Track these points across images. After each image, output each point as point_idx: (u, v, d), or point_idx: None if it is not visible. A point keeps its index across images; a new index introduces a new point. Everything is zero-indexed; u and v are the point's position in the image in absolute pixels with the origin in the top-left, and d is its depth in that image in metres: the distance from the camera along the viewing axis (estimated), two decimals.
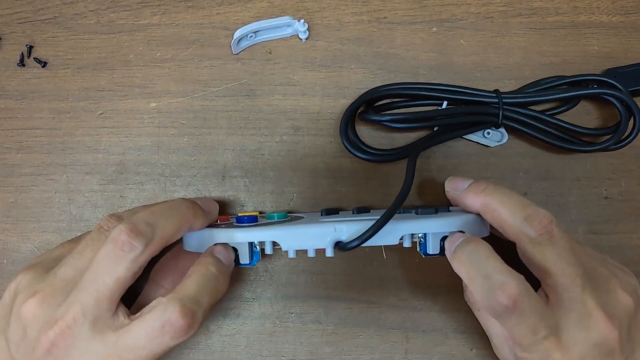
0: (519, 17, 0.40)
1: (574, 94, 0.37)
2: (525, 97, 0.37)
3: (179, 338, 0.29)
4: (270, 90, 0.39)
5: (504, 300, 0.27)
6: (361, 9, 0.40)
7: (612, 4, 0.40)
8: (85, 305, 0.28)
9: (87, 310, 0.28)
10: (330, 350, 0.38)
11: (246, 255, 0.32)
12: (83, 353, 0.29)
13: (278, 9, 0.40)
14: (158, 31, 0.39)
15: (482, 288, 0.28)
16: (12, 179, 0.38)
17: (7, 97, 0.39)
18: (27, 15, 0.39)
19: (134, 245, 0.29)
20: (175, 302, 0.28)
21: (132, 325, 0.29)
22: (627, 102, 0.36)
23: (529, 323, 0.28)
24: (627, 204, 0.38)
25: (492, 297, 0.27)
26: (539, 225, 0.29)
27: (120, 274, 0.29)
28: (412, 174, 0.33)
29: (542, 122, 0.37)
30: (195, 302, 0.29)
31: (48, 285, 0.30)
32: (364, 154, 0.38)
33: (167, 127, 0.39)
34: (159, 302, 0.29)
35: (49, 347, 0.29)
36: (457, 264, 0.30)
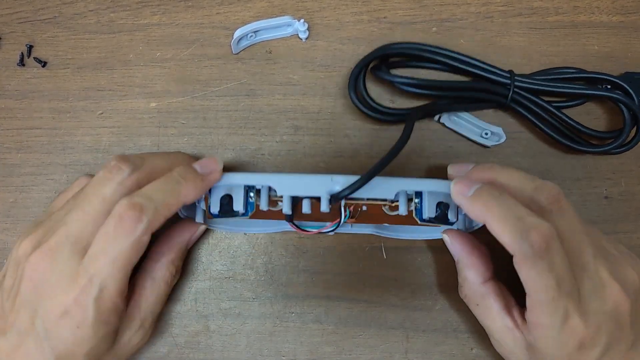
0: (519, 17, 0.40)
1: (586, 92, 0.36)
2: (538, 85, 0.37)
3: (131, 234, 0.28)
4: (270, 90, 0.39)
5: (537, 240, 0.27)
6: (361, 9, 0.40)
7: (612, 4, 0.40)
8: (69, 226, 0.29)
9: (70, 232, 0.29)
10: (331, 350, 0.38)
11: (240, 201, 0.32)
12: (59, 277, 0.29)
13: (278, 8, 0.40)
14: (158, 31, 0.39)
15: (515, 228, 0.27)
16: (12, 179, 0.38)
17: (7, 97, 0.39)
18: (27, 15, 0.39)
19: (122, 169, 0.30)
20: (124, 198, 0.29)
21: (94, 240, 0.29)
22: (635, 112, 0.36)
23: (557, 272, 0.27)
24: (627, 204, 0.38)
25: (526, 237, 0.27)
26: (549, 194, 0.29)
27: (106, 194, 0.30)
28: (409, 132, 0.33)
29: (547, 113, 0.37)
30: (146, 197, 0.29)
31: (42, 226, 0.31)
32: (369, 109, 0.37)
33: (167, 127, 0.39)
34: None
35: (30, 274, 0.29)
36: (480, 205, 0.29)
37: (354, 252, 0.38)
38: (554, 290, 0.27)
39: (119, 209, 0.29)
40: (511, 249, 0.28)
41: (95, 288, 0.28)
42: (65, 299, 0.28)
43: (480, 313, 0.33)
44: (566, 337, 0.28)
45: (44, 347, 0.29)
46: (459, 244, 0.34)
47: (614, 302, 0.29)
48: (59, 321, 0.29)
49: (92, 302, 0.28)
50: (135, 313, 0.32)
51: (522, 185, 0.30)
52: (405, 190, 0.32)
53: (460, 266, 0.34)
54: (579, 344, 0.28)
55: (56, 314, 0.29)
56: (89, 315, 0.29)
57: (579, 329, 0.28)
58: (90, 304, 0.28)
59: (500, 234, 0.28)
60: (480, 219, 0.29)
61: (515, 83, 0.36)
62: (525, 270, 0.28)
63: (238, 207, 0.32)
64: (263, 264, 0.38)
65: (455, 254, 0.34)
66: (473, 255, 0.33)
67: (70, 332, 0.29)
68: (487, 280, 0.33)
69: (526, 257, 0.27)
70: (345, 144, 0.38)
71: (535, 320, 0.29)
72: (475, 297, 0.33)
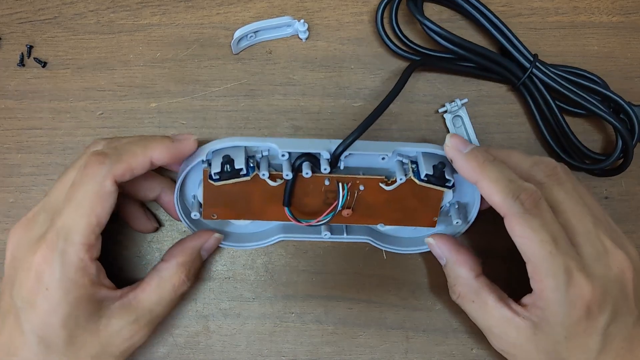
0: (519, 17, 0.40)
1: (593, 109, 0.36)
2: (554, 80, 0.37)
3: (93, 179, 0.29)
4: (270, 90, 0.39)
5: (527, 199, 0.28)
6: (361, 9, 0.40)
7: (612, 4, 0.40)
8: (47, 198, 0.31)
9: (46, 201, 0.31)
10: (331, 350, 0.38)
11: (242, 161, 0.32)
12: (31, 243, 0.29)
13: (278, 9, 0.40)
14: (158, 31, 0.39)
15: (507, 189, 0.29)
16: (12, 179, 0.38)
17: (7, 97, 0.39)
18: (27, 15, 0.39)
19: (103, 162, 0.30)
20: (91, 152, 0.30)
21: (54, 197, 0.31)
22: (628, 147, 0.36)
23: (550, 228, 0.28)
24: (627, 204, 0.38)
25: (517, 197, 0.28)
26: (546, 168, 0.30)
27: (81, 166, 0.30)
28: (406, 78, 0.34)
29: (550, 112, 0.37)
30: (112, 147, 0.31)
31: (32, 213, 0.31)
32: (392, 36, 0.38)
33: (167, 127, 0.39)
34: None
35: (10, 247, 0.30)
36: (475, 164, 0.30)
37: (354, 252, 0.38)
38: (550, 244, 0.28)
39: (84, 158, 0.30)
40: (502, 209, 0.29)
41: (60, 240, 0.28)
42: (34, 259, 0.28)
43: (476, 309, 0.32)
44: (573, 297, 0.28)
45: (22, 321, 0.29)
46: (444, 244, 0.34)
47: (619, 268, 0.29)
48: (32, 287, 0.28)
49: (58, 256, 0.28)
50: (133, 303, 0.31)
51: (519, 161, 0.31)
52: (401, 157, 0.33)
53: (449, 266, 0.33)
54: (587, 307, 0.28)
55: (30, 280, 0.28)
56: (56, 272, 0.28)
57: (584, 289, 0.28)
58: (56, 258, 0.28)
59: (491, 194, 0.29)
60: (472, 177, 0.30)
61: (534, 70, 0.36)
62: (518, 228, 0.28)
63: (240, 164, 0.32)
64: (263, 264, 0.38)
65: (442, 255, 0.34)
66: (461, 252, 0.33)
67: (42, 298, 0.28)
68: (479, 275, 0.32)
69: (518, 215, 0.28)
70: None
71: (539, 285, 0.28)
72: (470, 293, 0.32)
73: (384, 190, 0.33)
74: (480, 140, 0.38)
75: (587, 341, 0.28)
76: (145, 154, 0.31)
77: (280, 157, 0.32)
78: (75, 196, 0.29)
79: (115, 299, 0.31)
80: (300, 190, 0.33)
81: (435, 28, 0.36)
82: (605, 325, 0.28)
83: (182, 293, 0.33)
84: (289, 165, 0.32)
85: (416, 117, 0.39)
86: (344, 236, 0.36)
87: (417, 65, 0.36)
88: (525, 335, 0.30)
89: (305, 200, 0.34)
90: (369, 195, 0.34)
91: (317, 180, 0.33)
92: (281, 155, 0.32)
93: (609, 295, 0.28)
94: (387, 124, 0.39)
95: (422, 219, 0.35)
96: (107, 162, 0.29)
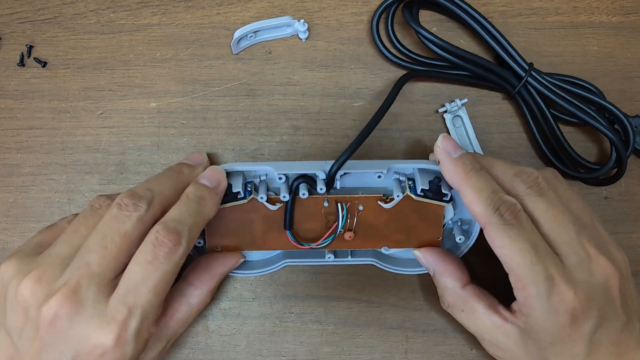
0: (518, 17, 0.40)
1: (589, 121, 0.36)
2: (549, 89, 0.36)
3: (171, 259, 0.29)
4: (270, 90, 0.39)
5: (506, 212, 0.29)
6: (361, 9, 0.40)
7: (612, 4, 0.40)
8: (91, 265, 0.28)
9: (93, 271, 0.28)
10: (330, 350, 0.38)
11: (239, 185, 0.32)
12: (88, 319, 0.28)
13: (278, 9, 0.40)
14: (158, 31, 0.39)
15: (489, 200, 0.29)
16: (12, 179, 0.38)
17: (7, 97, 0.39)
18: (27, 15, 0.39)
19: (138, 206, 0.30)
20: (158, 225, 0.29)
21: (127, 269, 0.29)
22: (622, 159, 0.36)
23: (530, 237, 0.28)
24: (627, 204, 0.38)
25: (497, 209, 0.29)
26: (527, 178, 0.30)
27: (127, 230, 0.29)
28: (396, 93, 0.34)
29: (545, 121, 0.37)
30: (178, 222, 0.30)
31: (42, 263, 0.29)
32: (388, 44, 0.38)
33: (167, 127, 0.39)
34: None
35: (51, 319, 0.27)
36: (461, 170, 0.30)
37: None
38: (531, 253, 0.28)
39: (156, 235, 0.29)
40: (482, 220, 0.29)
41: (135, 320, 0.28)
42: (104, 342, 0.27)
43: (466, 318, 0.33)
44: (556, 305, 0.28)
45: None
46: (431, 255, 0.34)
47: (603, 275, 0.29)
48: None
49: (133, 337, 0.28)
50: (164, 334, 0.32)
51: (503, 171, 0.31)
52: (398, 174, 0.33)
53: (437, 277, 0.34)
54: (571, 314, 0.28)
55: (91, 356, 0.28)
56: (128, 351, 0.28)
57: (567, 296, 0.28)
58: (131, 340, 0.28)
59: (473, 203, 0.30)
60: (456, 183, 0.31)
61: (529, 79, 0.36)
62: (498, 239, 0.29)
63: (237, 188, 0.32)
64: None
65: (429, 266, 0.34)
66: (447, 263, 0.34)
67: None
68: (466, 285, 0.33)
69: (497, 226, 0.28)
70: (345, 144, 0.38)
71: (522, 294, 0.29)
72: (458, 303, 0.33)
73: (383, 209, 0.34)
74: (480, 140, 0.38)
75: (573, 347, 0.28)
76: (204, 220, 0.31)
77: (277, 180, 0.33)
78: (150, 276, 0.28)
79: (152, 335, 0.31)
80: (300, 214, 0.34)
81: (430, 36, 0.36)
82: (591, 331, 0.28)
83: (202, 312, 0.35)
84: (287, 187, 0.33)
85: (416, 117, 0.39)
86: (349, 259, 0.36)
87: (408, 78, 0.36)
88: (514, 340, 0.30)
89: (306, 225, 0.34)
90: (370, 216, 0.34)
91: (316, 203, 0.34)
92: (278, 178, 0.33)
93: (594, 301, 0.28)
94: (387, 124, 0.39)
95: (426, 239, 0.35)
96: (183, 242, 0.29)
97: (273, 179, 0.33)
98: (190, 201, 0.31)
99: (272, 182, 0.34)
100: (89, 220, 0.31)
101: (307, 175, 0.33)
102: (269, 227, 0.34)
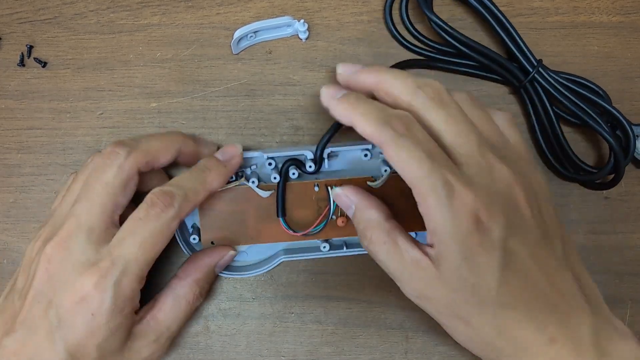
0: (519, 17, 0.40)
1: (592, 124, 0.36)
2: (556, 88, 0.36)
3: (161, 217, 0.30)
4: (270, 90, 0.39)
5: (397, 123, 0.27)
6: (361, 9, 0.40)
7: (612, 4, 0.40)
8: (79, 216, 0.30)
9: (81, 220, 0.30)
10: (330, 350, 0.38)
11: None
12: (76, 265, 0.29)
13: (278, 9, 0.40)
14: (158, 31, 0.39)
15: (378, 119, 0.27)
16: (12, 179, 0.38)
17: (7, 97, 0.39)
18: (27, 15, 0.39)
19: (117, 152, 0.31)
20: (156, 188, 0.30)
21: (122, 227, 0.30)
22: (619, 164, 0.35)
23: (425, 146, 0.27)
24: (627, 204, 0.38)
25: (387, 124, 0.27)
26: (430, 90, 0.29)
27: (108, 179, 0.30)
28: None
29: (548, 119, 0.37)
30: (175, 186, 0.31)
31: (49, 224, 0.31)
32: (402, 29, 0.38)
33: (167, 127, 0.39)
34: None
35: (45, 265, 0.29)
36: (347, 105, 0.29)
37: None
38: (426, 161, 0.26)
39: (150, 196, 0.30)
40: (376, 139, 0.27)
41: (117, 270, 0.29)
42: (84, 284, 0.29)
43: (387, 251, 0.30)
44: (457, 208, 0.26)
45: (55, 338, 0.29)
46: (352, 190, 0.32)
47: (504, 182, 0.28)
48: (75, 308, 0.29)
49: (112, 286, 0.29)
50: (152, 324, 0.32)
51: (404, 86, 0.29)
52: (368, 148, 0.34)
53: (359, 213, 0.31)
54: (473, 216, 0.26)
55: (72, 301, 0.29)
56: (107, 301, 0.29)
57: (467, 197, 0.26)
58: (109, 287, 0.29)
59: (364, 127, 0.28)
60: (346, 119, 0.29)
61: (536, 75, 0.36)
62: (393, 154, 0.27)
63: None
64: None
65: (350, 202, 0.32)
66: (370, 196, 0.32)
67: (84, 321, 0.29)
68: (389, 218, 0.31)
69: (391, 140, 0.27)
70: None
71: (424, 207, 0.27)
72: (382, 235, 0.30)
73: (373, 190, 0.34)
74: None
75: (487, 259, 0.27)
76: (206, 189, 0.32)
77: (267, 165, 0.34)
78: (138, 231, 0.30)
79: (136, 322, 0.31)
80: (291, 202, 0.35)
81: (442, 24, 0.36)
82: (501, 238, 0.27)
83: (197, 307, 0.34)
84: (276, 171, 0.34)
85: None
86: (344, 250, 0.36)
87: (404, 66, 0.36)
88: (432, 273, 0.28)
89: (298, 213, 0.35)
90: None
91: (306, 188, 0.34)
92: (267, 164, 0.34)
93: (497, 204, 0.27)
94: None
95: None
96: (175, 204, 0.30)
97: (263, 165, 0.35)
98: (194, 169, 0.32)
99: (262, 169, 0.35)
100: (79, 176, 0.32)
101: (296, 158, 0.34)
102: (261, 218, 0.35)
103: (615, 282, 0.38)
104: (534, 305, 0.28)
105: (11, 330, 0.30)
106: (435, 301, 0.28)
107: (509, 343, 0.28)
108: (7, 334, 0.30)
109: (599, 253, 0.38)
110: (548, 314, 0.28)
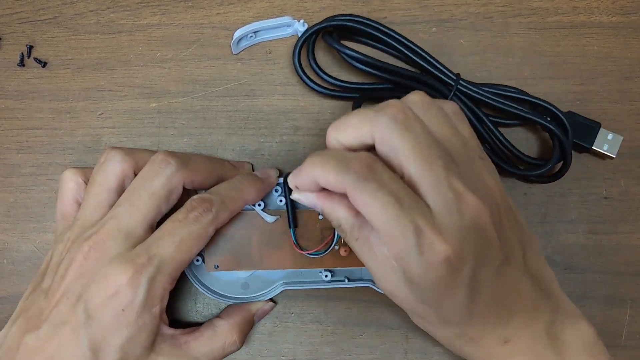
0: (518, 17, 0.40)
1: (527, 117, 0.36)
2: (480, 94, 0.37)
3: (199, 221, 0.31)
4: (270, 90, 0.39)
5: (358, 166, 0.26)
6: (361, 9, 0.40)
7: (612, 4, 0.40)
8: (120, 218, 0.30)
9: (122, 223, 0.30)
10: (330, 350, 0.38)
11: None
12: (112, 262, 0.29)
13: (278, 9, 0.40)
14: (158, 31, 0.39)
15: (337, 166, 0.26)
16: (12, 179, 0.38)
17: (7, 97, 0.39)
18: (27, 15, 0.39)
19: (170, 162, 0.31)
20: (195, 196, 0.32)
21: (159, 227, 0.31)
22: (565, 150, 0.36)
23: (390, 188, 0.25)
24: (627, 204, 0.38)
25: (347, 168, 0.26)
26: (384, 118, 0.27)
27: (155, 188, 0.31)
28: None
29: (483, 126, 0.37)
30: (213, 193, 0.32)
31: (76, 226, 0.32)
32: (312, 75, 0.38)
33: (167, 127, 0.39)
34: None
35: (81, 262, 0.30)
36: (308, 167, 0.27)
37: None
38: (394, 206, 0.25)
39: (190, 201, 0.31)
40: (340, 186, 0.26)
41: (152, 267, 0.29)
42: (118, 279, 0.29)
43: (359, 247, 0.29)
44: (428, 257, 0.26)
45: (80, 334, 0.29)
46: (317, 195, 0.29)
47: (472, 215, 0.26)
48: (106, 302, 0.29)
49: (146, 281, 0.29)
50: (183, 347, 0.32)
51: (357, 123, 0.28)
52: None
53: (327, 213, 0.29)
54: (446, 263, 0.26)
55: (104, 296, 0.29)
56: (140, 296, 0.29)
57: (437, 246, 0.25)
58: (143, 283, 0.29)
59: (326, 178, 0.26)
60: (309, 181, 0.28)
61: (458, 87, 0.37)
62: (359, 198, 0.26)
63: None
64: None
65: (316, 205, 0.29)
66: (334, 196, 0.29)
67: (113, 316, 0.29)
68: (358, 213, 0.28)
69: (354, 185, 0.25)
70: None
71: (394, 250, 0.26)
72: (353, 231, 0.28)
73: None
74: None
75: (455, 296, 0.27)
76: (242, 199, 0.33)
77: (273, 192, 0.35)
78: (177, 232, 0.30)
79: (168, 337, 0.31)
80: (296, 230, 0.35)
81: (355, 54, 0.36)
82: (469, 276, 0.27)
83: (229, 353, 0.34)
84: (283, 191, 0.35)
85: None
86: (345, 282, 0.36)
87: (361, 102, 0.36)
88: (401, 275, 0.28)
89: (302, 243, 0.35)
90: None
91: (310, 216, 0.35)
92: (274, 190, 0.35)
93: (467, 245, 0.26)
94: None
95: None
96: (213, 210, 0.31)
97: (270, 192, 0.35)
98: (232, 180, 0.34)
99: (269, 195, 0.35)
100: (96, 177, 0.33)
101: None
102: (265, 244, 0.35)
103: (615, 282, 0.38)
104: (495, 320, 0.29)
105: (34, 328, 0.29)
106: (405, 303, 0.29)
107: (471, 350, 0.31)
108: (30, 331, 0.29)
109: (599, 253, 0.38)
110: (506, 323, 0.29)
